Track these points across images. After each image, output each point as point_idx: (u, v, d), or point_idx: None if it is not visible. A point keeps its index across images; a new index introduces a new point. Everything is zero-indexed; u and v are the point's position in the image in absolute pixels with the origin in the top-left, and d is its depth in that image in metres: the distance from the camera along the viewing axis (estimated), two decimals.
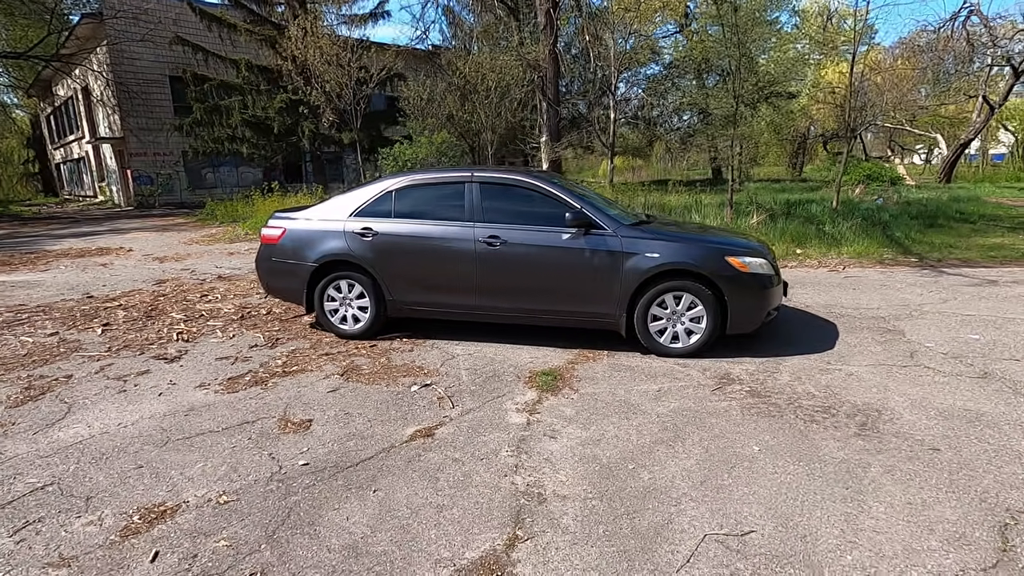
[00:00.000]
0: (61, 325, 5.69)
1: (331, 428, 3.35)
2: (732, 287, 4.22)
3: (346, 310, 4.93)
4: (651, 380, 4.01)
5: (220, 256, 10.00)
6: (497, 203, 4.63)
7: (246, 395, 3.85)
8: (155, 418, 3.52)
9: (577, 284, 4.42)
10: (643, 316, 4.36)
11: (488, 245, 4.49)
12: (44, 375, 4.31)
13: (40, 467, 2.97)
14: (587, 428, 3.32)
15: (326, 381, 4.07)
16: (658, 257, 4.26)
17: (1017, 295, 6.14)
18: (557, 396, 3.77)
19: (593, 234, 4.37)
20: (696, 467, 2.86)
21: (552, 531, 2.40)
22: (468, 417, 3.48)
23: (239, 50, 19.88)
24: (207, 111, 18.18)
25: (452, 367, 4.31)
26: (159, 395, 3.88)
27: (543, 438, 3.21)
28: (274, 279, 5.11)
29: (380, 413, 3.55)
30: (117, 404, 3.74)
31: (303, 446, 3.15)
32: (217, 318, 5.81)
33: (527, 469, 2.89)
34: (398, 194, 4.78)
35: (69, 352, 4.84)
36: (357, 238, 4.74)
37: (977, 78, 22.75)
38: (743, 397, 3.69)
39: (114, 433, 3.33)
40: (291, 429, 3.35)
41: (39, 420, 3.53)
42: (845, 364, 4.22)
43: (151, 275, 8.29)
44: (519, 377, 4.10)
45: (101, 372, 4.34)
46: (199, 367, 4.41)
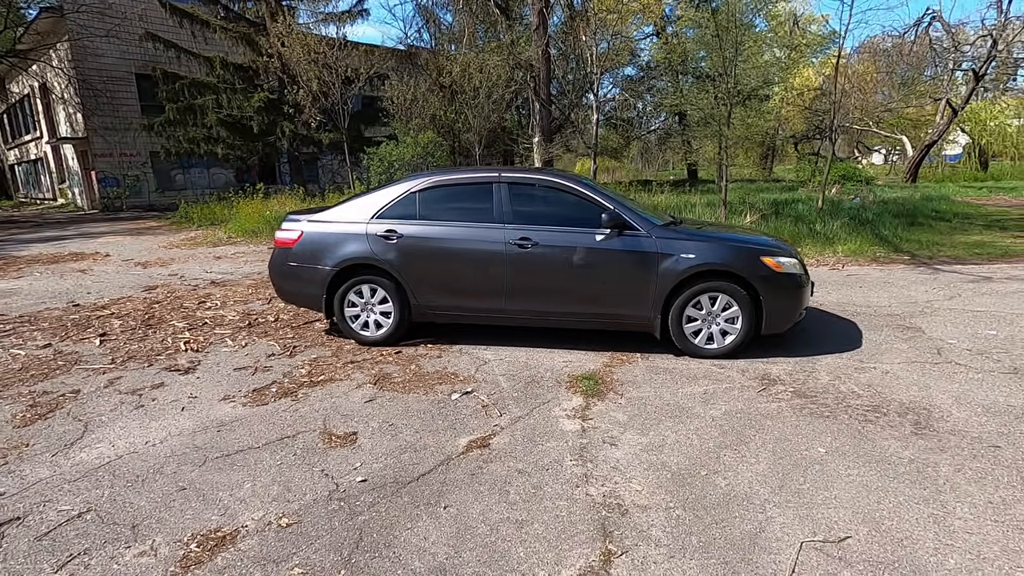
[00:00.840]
0: (52, 336, 5.34)
1: (379, 441, 3.19)
2: (768, 287, 4.21)
3: (368, 316, 4.75)
4: (693, 382, 3.96)
5: (207, 260, 9.61)
6: (526, 204, 4.53)
7: (277, 408, 3.65)
8: (184, 435, 3.30)
9: (612, 286, 4.35)
10: (678, 317, 4.32)
11: (519, 247, 4.38)
12: (48, 391, 4.01)
13: (70, 493, 2.73)
14: (645, 434, 3.24)
15: (359, 391, 3.90)
16: (694, 258, 4.22)
17: (1016, 291, 6.33)
18: (604, 401, 3.68)
19: (627, 235, 4.31)
20: (769, 472, 2.81)
21: (645, 544, 2.31)
22: (520, 425, 3.36)
23: (213, 47, 19.24)
24: (181, 110, 17.51)
25: (487, 373, 4.18)
26: (182, 410, 3.65)
27: (604, 445, 3.12)
28: (290, 284, 4.88)
29: (426, 423, 3.40)
30: (138, 421, 3.50)
31: (355, 461, 2.98)
32: (222, 326, 5.54)
33: (597, 479, 2.79)
34: (422, 195, 4.63)
35: (69, 365, 4.53)
36: (381, 241, 4.57)
37: (940, 82, 23.65)
38: (790, 398, 3.67)
39: (143, 452, 3.10)
40: (336, 443, 3.17)
41: (55, 440, 3.27)
42: (878, 362, 4.25)
43: (137, 281, 7.90)
44: (559, 382, 4.00)
45: (111, 386, 4.07)
46: (217, 379, 4.17)
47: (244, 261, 9.43)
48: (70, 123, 23.53)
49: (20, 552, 2.32)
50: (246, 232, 12.34)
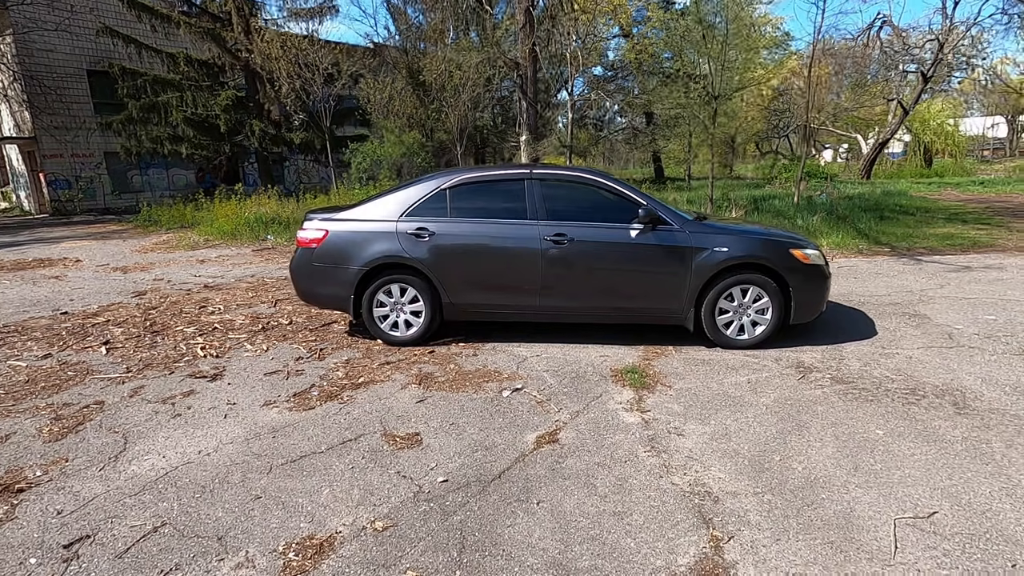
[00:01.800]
0: (49, 346, 5.02)
1: (446, 441, 3.15)
2: (797, 279, 4.35)
3: (397, 315, 4.66)
4: (734, 372, 4.05)
5: (190, 264, 9.22)
6: (559, 200, 4.54)
7: (326, 411, 3.55)
8: (238, 443, 3.17)
9: (648, 280, 4.41)
10: (711, 310, 4.41)
11: (555, 243, 4.39)
12: (67, 403, 3.78)
13: (135, 507, 2.59)
14: (706, 423, 3.30)
15: (406, 392, 3.83)
16: (727, 251, 4.32)
17: (996, 279, 6.73)
18: (655, 393, 3.73)
19: (661, 230, 4.37)
20: (838, 454, 2.91)
21: (748, 529, 2.35)
22: (581, 420, 3.37)
23: (175, 43, 18.46)
24: (143, 108, 16.71)
25: (528, 370, 4.17)
26: (224, 417, 3.50)
27: (671, 436, 3.16)
28: (315, 285, 4.74)
29: (486, 422, 3.37)
30: (181, 430, 3.34)
31: (428, 461, 2.93)
32: (235, 330, 5.33)
33: (677, 468, 2.83)
34: (452, 192, 4.58)
35: (81, 376, 4.27)
36: (412, 239, 4.49)
37: (891, 83, 24.89)
38: (830, 384, 3.81)
39: (200, 462, 2.97)
40: (402, 444, 3.11)
41: (96, 454, 3.08)
42: (899, 348, 4.46)
43: (122, 287, 7.51)
44: (604, 376, 4.03)
45: (136, 396, 3.86)
46: (250, 384, 4.02)
47: (231, 264, 9.09)
48: (15, 121, 22.14)
49: (103, 571, 2.18)
50: (224, 235, 11.90)
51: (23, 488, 2.77)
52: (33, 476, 2.88)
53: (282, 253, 10.04)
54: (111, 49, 18.92)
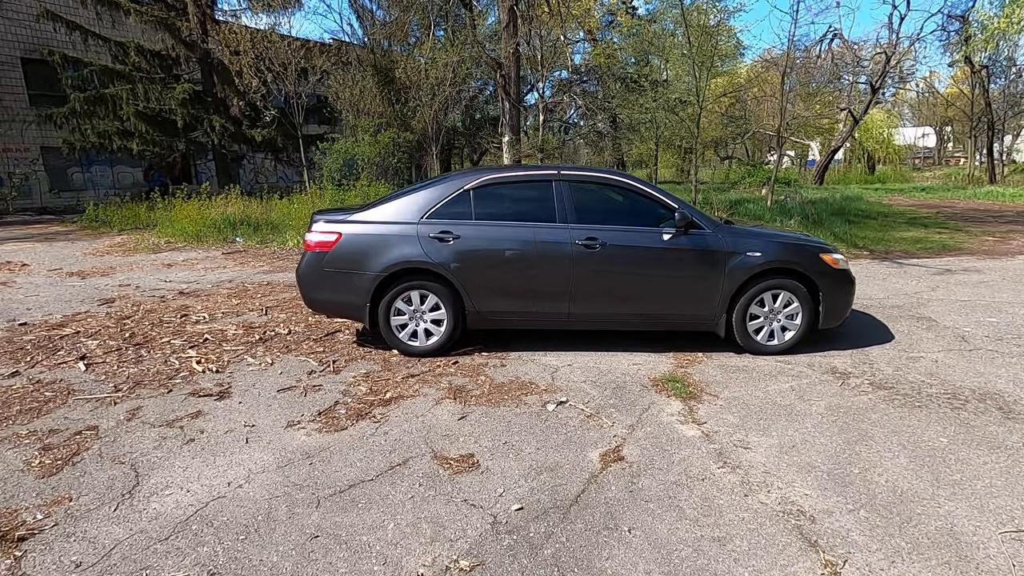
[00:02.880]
0: (14, 362, 4.46)
1: (504, 462, 2.91)
2: (827, 283, 4.33)
3: (417, 324, 4.37)
4: (773, 379, 3.98)
5: (156, 268, 8.54)
6: (588, 203, 4.37)
7: (360, 432, 3.24)
8: (271, 471, 2.83)
9: (681, 286, 4.29)
10: (742, 315, 4.34)
11: (586, 247, 4.21)
12: (54, 429, 3.32)
13: (171, 555, 2.23)
14: (768, 435, 3.19)
15: (442, 407, 3.56)
16: (760, 256, 4.26)
17: (979, 281, 7.01)
18: (703, 404, 3.60)
19: (693, 234, 4.26)
20: (913, 464, 2.85)
21: (858, 551, 2.23)
22: (639, 434, 3.20)
23: (124, 32, 17.28)
24: (89, 100, 15.51)
25: (565, 381, 3.97)
26: (245, 442, 3.14)
27: (738, 450, 3.03)
28: (325, 292, 4.39)
29: (541, 439, 3.15)
30: (200, 458, 2.96)
31: (493, 487, 2.69)
32: (228, 341, 4.89)
33: (759, 486, 2.69)
34: (476, 194, 4.33)
35: (62, 396, 3.79)
36: (434, 243, 4.21)
37: (843, 93, 26.07)
38: (872, 390, 3.78)
39: (235, 496, 2.62)
40: (458, 468, 2.85)
41: (104, 490, 2.68)
42: (922, 352, 4.50)
43: (83, 294, 6.85)
44: (645, 386, 3.88)
45: (135, 419, 3.44)
46: (265, 402, 3.65)
47: (203, 268, 8.48)
48: None
49: None
50: (188, 237, 11.14)
51: (24, 536, 2.36)
52: (33, 520, 2.47)
53: (256, 256, 9.46)
54: (50, 36, 17.56)
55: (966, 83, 34.07)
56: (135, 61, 16.05)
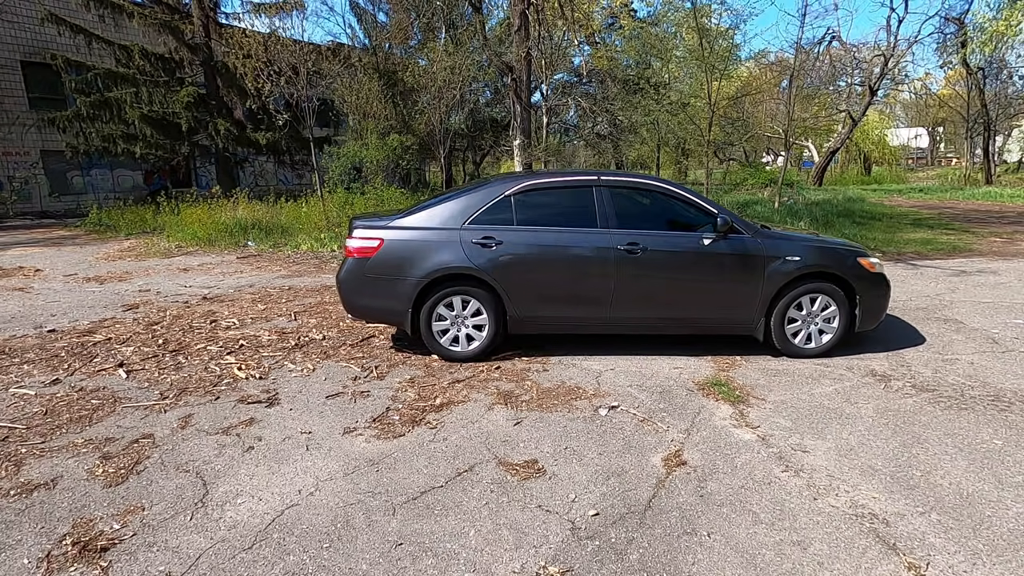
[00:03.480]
0: (51, 370, 4.45)
1: (569, 467, 2.93)
2: (864, 287, 4.39)
3: (458, 330, 4.38)
4: (816, 382, 4.02)
5: (172, 273, 8.51)
6: (628, 207, 4.41)
7: (419, 438, 3.26)
8: (338, 479, 2.84)
9: (722, 290, 4.34)
10: (781, 319, 4.38)
11: (628, 252, 4.24)
12: (109, 437, 3.31)
13: (260, 564, 2.24)
14: (823, 438, 3.23)
15: (494, 413, 3.58)
16: (799, 260, 4.30)
17: (997, 283, 7.10)
18: (752, 407, 3.64)
19: (733, 238, 4.31)
20: (973, 467, 2.90)
21: (938, 553, 2.27)
22: (696, 438, 3.23)
23: (126, 35, 17.20)
24: (94, 104, 15.42)
25: (611, 385, 3.99)
26: (306, 449, 3.15)
27: (797, 453, 3.07)
28: (366, 298, 4.39)
29: (601, 444, 3.17)
30: (264, 466, 2.97)
31: (564, 492, 2.71)
32: (263, 347, 4.89)
33: (825, 489, 2.73)
34: (518, 199, 4.35)
35: (109, 404, 3.78)
36: (477, 248, 4.23)
37: (841, 95, 26.29)
38: (916, 392, 3.83)
39: (309, 504, 2.63)
40: (525, 474, 2.87)
41: (175, 499, 2.69)
42: (956, 354, 4.56)
43: (105, 299, 6.82)
44: (690, 390, 3.91)
45: (188, 427, 3.43)
46: (316, 409, 3.66)
47: (220, 273, 8.46)
48: None
49: None
50: (199, 241, 11.10)
51: (106, 546, 2.37)
52: (111, 530, 2.47)
53: (271, 261, 9.44)
54: (51, 40, 17.46)
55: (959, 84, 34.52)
56: (139, 64, 15.98)
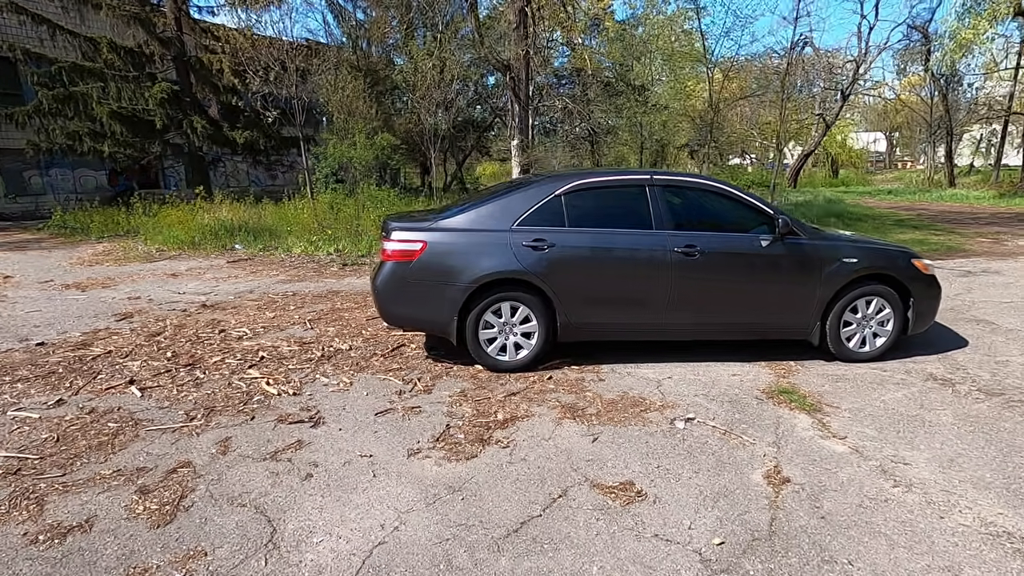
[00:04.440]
0: (51, 389, 3.99)
1: (669, 488, 2.71)
2: (918, 288, 4.31)
3: (506, 338, 4.12)
4: (881, 388, 3.91)
5: (160, 279, 7.95)
6: (682, 208, 4.22)
7: (493, 459, 2.98)
8: (420, 509, 2.55)
9: (779, 293, 4.19)
10: (836, 322, 4.26)
11: (685, 255, 4.05)
12: (140, 467, 2.93)
13: None
14: (916, 448, 3.09)
15: (564, 429, 3.32)
16: (857, 262, 4.19)
17: (1005, 282, 7.21)
18: (830, 416, 3.49)
19: (789, 241, 4.16)
20: None
21: None
22: (788, 453, 3.05)
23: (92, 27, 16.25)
24: (58, 99, 14.47)
25: (675, 395, 3.79)
26: (373, 476, 2.84)
27: (899, 466, 2.91)
28: (407, 305, 4.08)
29: (692, 461, 2.96)
30: (330, 497, 2.65)
31: (675, 518, 2.48)
32: (287, 359, 4.52)
33: (947, 506, 2.58)
34: (568, 199, 4.11)
35: (130, 427, 3.38)
36: (529, 251, 3.98)
37: (815, 99, 26.94)
38: (986, 397, 3.75)
39: (398, 542, 2.33)
40: (625, 498, 2.64)
41: (240, 540, 2.35)
42: (1005, 355, 4.53)
43: (92, 308, 6.28)
44: (758, 398, 3.74)
45: (229, 452, 3.08)
46: (368, 428, 3.34)
47: (212, 279, 7.95)
48: None
49: None
50: (182, 244, 10.49)
51: None
52: None
53: (265, 265, 8.95)
54: (10, 29, 16.35)
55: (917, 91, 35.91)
56: (107, 58, 15.09)
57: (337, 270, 8.46)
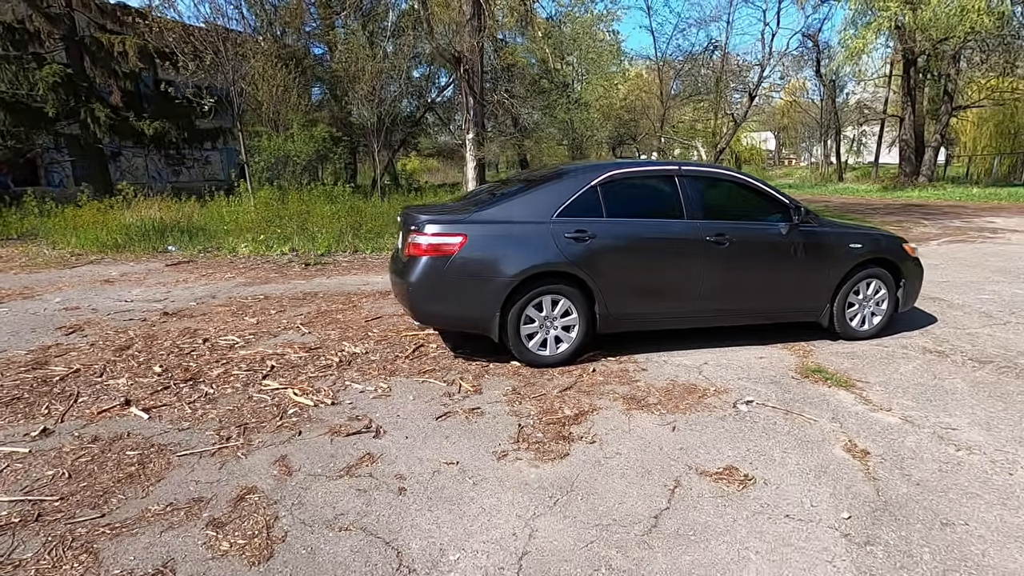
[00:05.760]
0: (24, 418, 3.39)
1: (771, 471, 2.77)
2: (909, 270, 4.72)
3: (547, 332, 4.02)
4: (895, 362, 4.23)
5: (94, 286, 6.99)
6: (709, 198, 4.33)
7: (589, 456, 2.90)
8: (544, 514, 2.42)
9: (798, 278, 4.42)
10: (842, 303, 4.57)
11: (716, 243, 4.16)
12: (197, 497, 2.55)
13: None
14: (952, 414, 3.37)
15: (638, 420, 3.30)
16: (862, 247, 4.51)
17: (932, 264, 8.05)
18: (866, 391, 3.73)
19: (805, 228, 4.40)
20: None
21: None
22: (851, 427, 3.22)
23: None
24: None
25: (721, 379, 3.89)
26: (472, 483, 2.66)
27: (950, 431, 3.17)
28: (445, 303, 3.87)
29: (776, 442, 3.04)
30: (440, 511, 2.45)
31: (795, 498, 2.54)
32: (300, 367, 4.14)
33: (1008, 464, 2.84)
34: (604, 189, 4.08)
35: (156, 455, 2.94)
36: (570, 242, 3.90)
37: (725, 99, 28.82)
38: (980, 365, 4.17)
39: (541, 551, 2.20)
40: (739, 484, 2.66)
41: (370, 570, 2.11)
42: (971, 328, 5.07)
43: (23, 322, 5.40)
44: (796, 378, 3.93)
45: (294, 471, 2.76)
46: (436, 434, 3.13)
47: (159, 284, 7.11)
48: None
49: None
50: (104, 247, 9.31)
51: None
52: None
53: (214, 267, 8.16)
54: None
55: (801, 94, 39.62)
56: None
57: (301, 271, 7.88)
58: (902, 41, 22.54)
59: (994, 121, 27.71)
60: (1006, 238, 10.63)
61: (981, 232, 11.52)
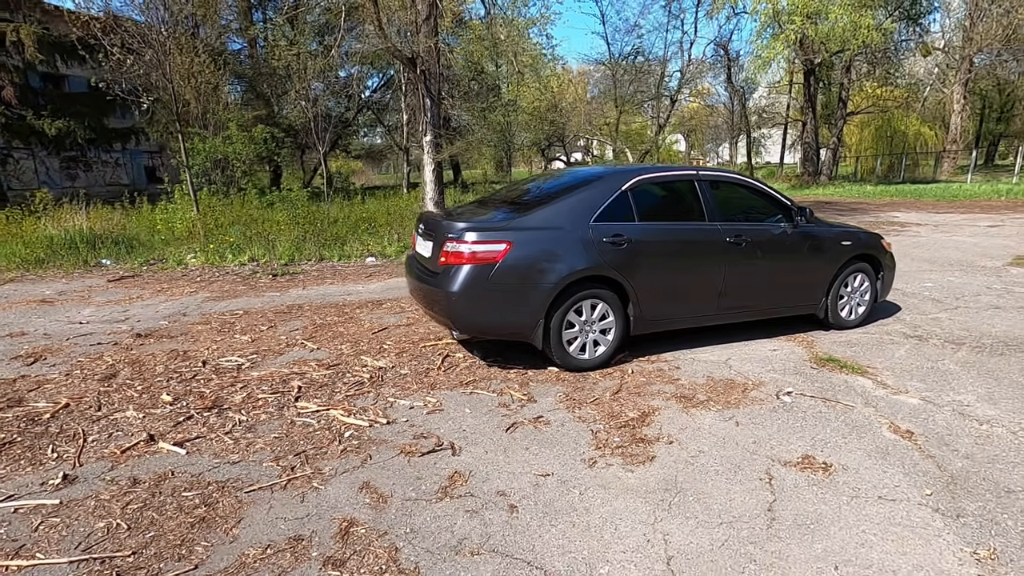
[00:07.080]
0: (31, 465, 2.98)
1: (841, 457, 2.97)
2: (887, 263, 5.20)
3: (586, 337, 4.05)
4: (888, 348, 4.65)
5: (33, 308, 6.17)
6: (723, 201, 4.53)
7: (674, 457, 2.97)
8: (666, 517, 2.46)
9: (803, 273, 4.74)
10: (835, 296, 4.97)
11: (735, 244, 4.38)
12: (295, 536, 2.36)
13: None
14: (958, 392, 3.76)
15: (697, 418, 3.41)
16: (851, 245, 4.92)
17: None
18: (879, 376, 4.07)
19: (806, 228, 4.73)
20: None
21: None
22: (883, 409, 3.51)
23: None
24: None
25: (751, 373, 4.10)
26: (580, 494, 2.65)
27: (967, 407, 3.53)
28: (489, 312, 3.79)
29: (831, 430, 3.26)
30: (564, 525, 2.42)
31: (877, 481, 2.74)
32: (326, 386, 3.90)
33: None
34: (634, 194, 4.17)
35: (219, 493, 2.68)
36: (609, 247, 3.96)
37: (650, 104, 30.16)
38: (957, 347, 4.66)
39: (686, 555, 2.24)
40: (824, 471, 2.83)
41: None
42: (931, 314, 5.65)
43: None
44: (815, 368, 4.21)
45: (388, 497, 2.61)
46: (514, 446, 3.07)
47: (110, 302, 6.40)
48: None
49: None
50: (25, 263, 8.22)
51: None
52: None
53: (167, 281, 7.46)
54: None
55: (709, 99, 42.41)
56: None
57: (269, 282, 7.38)
58: (804, 52, 24.69)
59: (874, 125, 31.21)
60: (915, 231, 11.92)
61: (892, 226, 12.83)
